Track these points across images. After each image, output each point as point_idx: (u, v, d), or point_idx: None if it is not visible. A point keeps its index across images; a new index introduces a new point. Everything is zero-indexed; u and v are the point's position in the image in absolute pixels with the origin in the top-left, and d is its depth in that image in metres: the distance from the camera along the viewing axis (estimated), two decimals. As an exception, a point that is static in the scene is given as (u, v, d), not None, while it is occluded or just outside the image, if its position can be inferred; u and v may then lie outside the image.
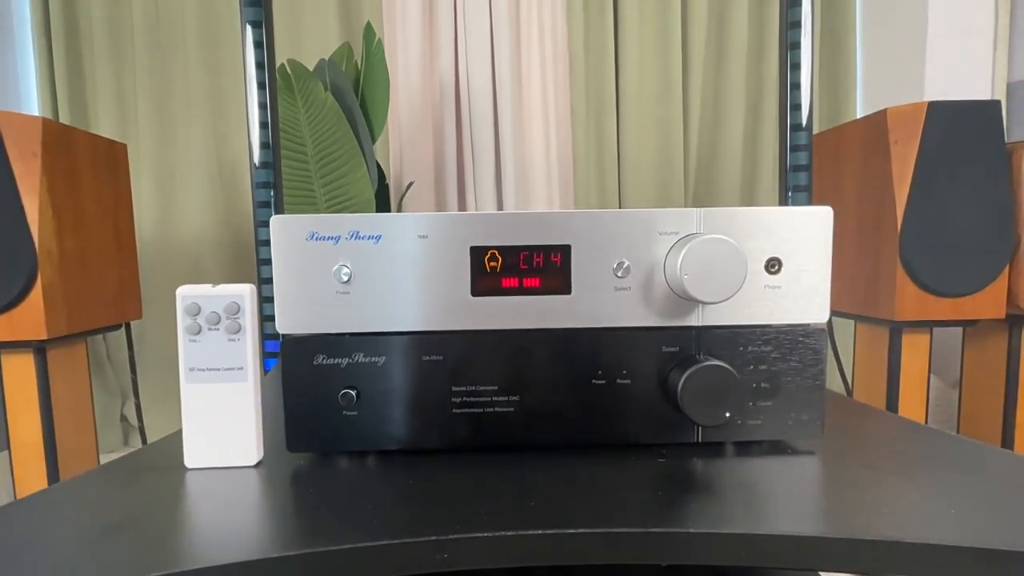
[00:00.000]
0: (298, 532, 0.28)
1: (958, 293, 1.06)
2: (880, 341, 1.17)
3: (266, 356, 0.74)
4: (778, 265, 0.36)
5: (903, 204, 1.06)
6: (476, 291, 0.35)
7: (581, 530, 0.27)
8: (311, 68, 1.30)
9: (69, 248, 1.02)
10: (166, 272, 1.62)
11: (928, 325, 1.10)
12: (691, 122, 1.72)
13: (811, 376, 0.36)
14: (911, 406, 1.14)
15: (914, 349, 1.14)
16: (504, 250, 0.35)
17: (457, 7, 1.61)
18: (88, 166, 1.09)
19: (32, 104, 1.60)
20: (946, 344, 1.42)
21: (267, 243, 0.73)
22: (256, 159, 0.72)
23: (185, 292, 0.34)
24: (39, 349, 1.00)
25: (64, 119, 1.57)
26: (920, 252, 1.05)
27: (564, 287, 0.35)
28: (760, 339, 0.36)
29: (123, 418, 1.67)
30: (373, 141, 1.39)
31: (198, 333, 0.34)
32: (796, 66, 0.72)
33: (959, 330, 1.26)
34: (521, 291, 0.35)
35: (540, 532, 0.27)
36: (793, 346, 0.36)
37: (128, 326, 1.28)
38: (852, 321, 1.29)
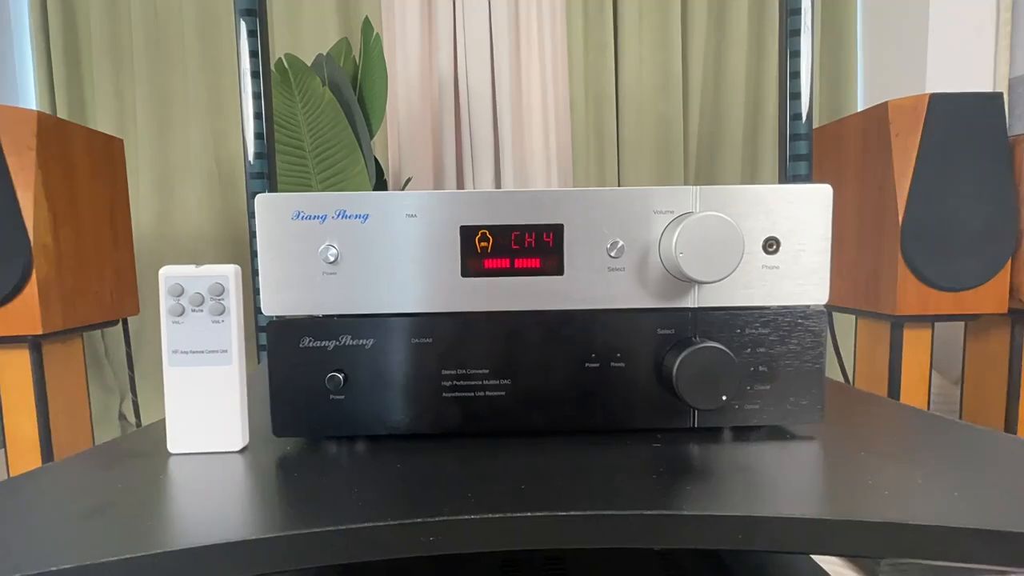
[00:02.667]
0: (282, 515, 0.27)
1: (960, 287, 1.05)
2: (881, 336, 1.16)
3: (260, 349, 0.74)
4: (776, 245, 0.35)
5: (904, 198, 1.05)
6: (466, 272, 0.34)
7: (573, 512, 0.26)
8: (309, 63, 1.30)
9: (64, 243, 1.02)
10: (164, 269, 1.61)
11: (930, 320, 1.09)
12: (691, 116, 1.72)
13: (810, 359, 0.35)
14: (912, 401, 1.13)
15: (915, 344, 1.13)
16: (495, 229, 0.34)
17: (456, 2, 1.60)
18: (84, 161, 1.09)
19: (30, 100, 1.60)
20: (947, 341, 1.40)
21: (261, 234, 0.73)
22: (250, 150, 0.71)
23: (168, 272, 0.33)
24: (34, 344, 1.00)
25: (62, 115, 1.56)
26: (922, 246, 1.04)
27: (556, 268, 0.35)
28: (758, 321, 0.35)
29: (121, 416, 1.66)
30: (371, 136, 1.39)
31: (181, 315, 0.33)
32: (796, 54, 0.71)
33: (960, 326, 1.25)
34: (512, 272, 0.34)
35: (530, 514, 0.26)
36: (792, 328, 0.35)
37: (125, 322, 1.27)
38: (853, 316, 1.28)
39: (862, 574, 0.99)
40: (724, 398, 0.33)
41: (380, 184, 1.44)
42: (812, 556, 0.46)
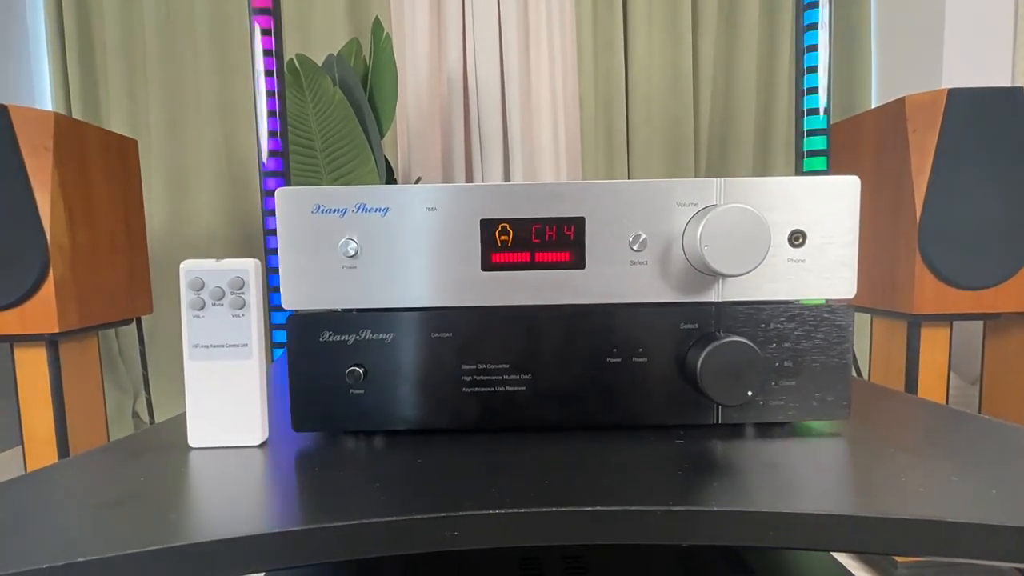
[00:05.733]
0: (302, 509, 0.27)
1: (979, 285, 1.03)
2: (898, 335, 1.15)
3: (274, 347, 0.74)
4: (802, 238, 0.34)
5: (922, 194, 1.03)
6: (486, 265, 0.34)
7: (599, 508, 0.25)
8: (319, 63, 1.30)
9: (80, 242, 1.03)
10: (177, 269, 1.62)
11: (948, 318, 1.07)
12: (701, 114, 1.70)
13: (837, 355, 0.35)
14: (931, 402, 1.11)
15: (933, 343, 1.11)
16: (516, 223, 0.34)
17: (465, 1, 1.60)
18: (99, 161, 1.10)
19: (46, 102, 1.62)
20: (964, 340, 1.38)
21: (276, 232, 0.73)
22: (264, 148, 0.72)
23: (189, 266, 0.33)
24: (51, 343, 1.01)
25: (77, 116, 1.58)
26: (940, 243, 1.02)
27: (578, 261, 0.34)
28: (783, 316, 0.34)
29: (135, 414, 1.68)
30: (381, 136, 1.39)
31: (202, 308, 0.33)
32: (813, 48, 0.70)
33: (978, 326, 1.23)
34: (533, 265, 0.34)
35: (556, 510, 0.26)
36: (818, 323, 0.34)
37: (139, 321, 1.29)
38: (868, 316, 1.26)
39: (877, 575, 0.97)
40: (749, 394, 0.32)
41: (390, 183, 1.45)
42: (837, 558, 0.45)
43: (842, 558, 1.05)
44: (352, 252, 0.34)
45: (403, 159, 1.66)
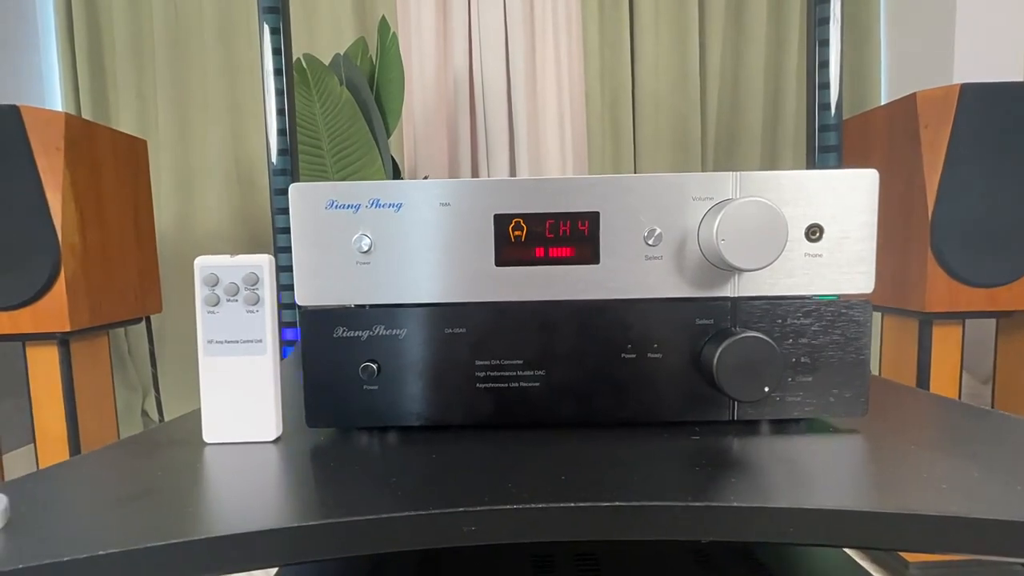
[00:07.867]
0: (319, 504, 0.27)
1: (992, 283, 1.02)
2: (909, 334, 1.13)
3: (284, 344, 0.74)
4: (819, 232, 0.34)
5: (934, 191, 1.02)
6: (500, 261, 0.34)
7: (618, 503, 0.25)
8: (326, 63, 1.31)
9: (91, 242, 1.04)
10: (185, 268, 1.64)
11: (960, 317, 1.06)
12: (708, 113, 1.69)
13: (854, 350, 0.34)
14: (943, 400, 1.10)
15: (945, 342, 1.10)
16: (529, 218, 0.34)
17: (471, 0, 1.60)
18: (109, 161, 1.11)
19: (56, 102, 1.63)
20: (976, 339, 1.37)
21: (285, 231, 0.73)
22: (273, 146, 0.72)
23: (203, 262, 0.33)
24: (62, 341, 1.02)
25: (87, 117, 1.59)
26: (952, 241, 1.01)
27: (592, 256, 0.34)
28: (800, 311, 0.34)
29: (144, 413, 1.69)
30: (388, 135, 1.39)
31: (216, 304, 0.33)
32: (824, 43, 0.69)
33: (990, 324, 1.21)
34: (547, 261, 0.34)
35: (574, 505, 0.25)
36: (835, 318, 0.34)
37: (148, 320, 1.29)
38: (879, 314, 1.25)
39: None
40: (766, 390, 0.32)
41: (397, 183, 1.44)
42: (854, 558, 0.45)
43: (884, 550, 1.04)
44: (366, 248, 0.33)
45: (409, 158, 1.66)
